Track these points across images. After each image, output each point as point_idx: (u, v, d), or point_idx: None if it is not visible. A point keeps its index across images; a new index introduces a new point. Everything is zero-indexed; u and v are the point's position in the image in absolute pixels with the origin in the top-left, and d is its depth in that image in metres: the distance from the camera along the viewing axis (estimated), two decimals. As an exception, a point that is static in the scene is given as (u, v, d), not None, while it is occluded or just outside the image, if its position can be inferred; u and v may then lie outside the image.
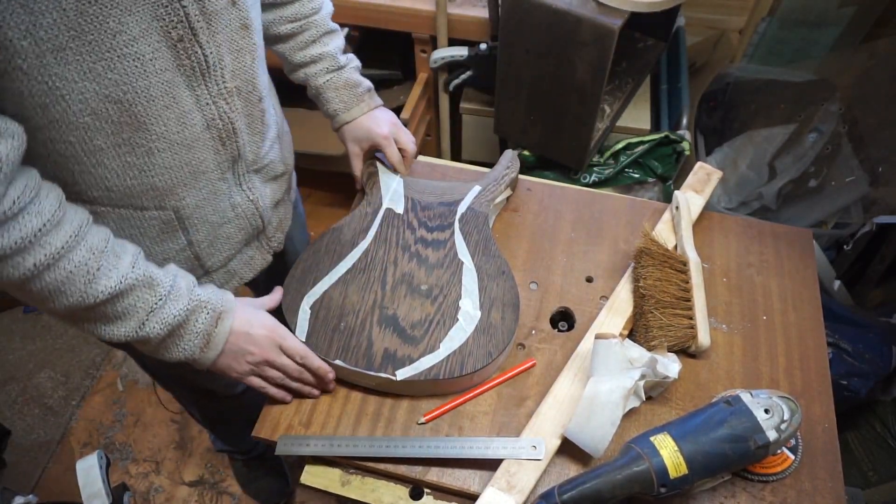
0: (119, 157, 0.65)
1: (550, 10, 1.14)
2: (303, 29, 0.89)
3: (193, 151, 0.70)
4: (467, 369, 0.75)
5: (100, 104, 0.60)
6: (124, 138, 0.64)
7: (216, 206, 0.77)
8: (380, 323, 0.79)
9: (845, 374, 1.25)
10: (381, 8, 1.47)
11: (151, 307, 0.66)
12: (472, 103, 1.62)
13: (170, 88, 0.63)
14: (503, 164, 0.98)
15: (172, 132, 0.66)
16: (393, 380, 0.74)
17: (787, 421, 0.64)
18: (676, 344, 0.78)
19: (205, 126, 0.69)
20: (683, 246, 0.86)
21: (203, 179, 0.73)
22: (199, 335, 0.70)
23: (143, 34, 0.58)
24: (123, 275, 0.63)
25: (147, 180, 0.68)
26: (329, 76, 0.93)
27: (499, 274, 0.84)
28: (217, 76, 0.67)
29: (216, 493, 1.55)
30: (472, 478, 0.72)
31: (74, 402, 1.70)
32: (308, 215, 1.15)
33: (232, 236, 0.82)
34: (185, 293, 0.69)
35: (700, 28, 1.74)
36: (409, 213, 0.91)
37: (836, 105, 1.48)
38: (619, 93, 1.47)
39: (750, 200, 1.55)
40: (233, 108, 0.71)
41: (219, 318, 0.71)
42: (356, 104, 0.95)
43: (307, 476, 0.75)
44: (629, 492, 0.62)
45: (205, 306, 0.70)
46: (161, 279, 0.67)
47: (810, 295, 0.87)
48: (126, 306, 0.65)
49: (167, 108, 0.64)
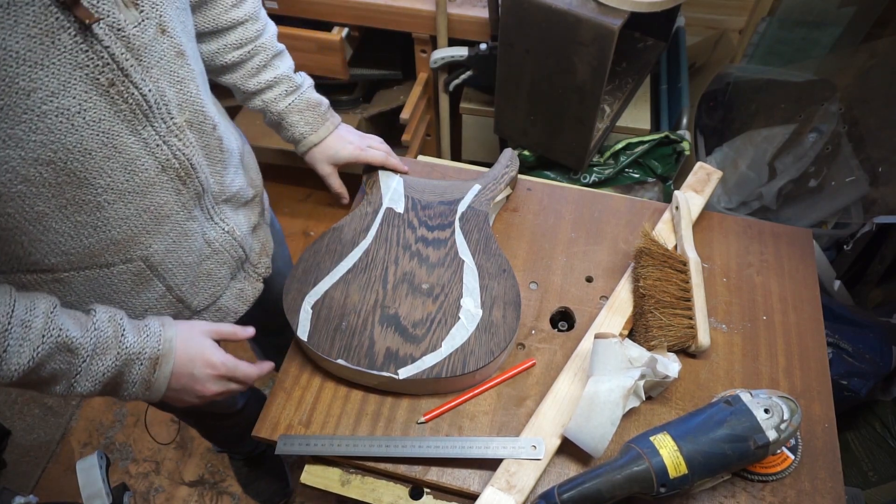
0: (67, 218, 0.61)
1: (550, 10, 1.14)
2: (251, 55, 0.84)
3: (150, 196, 0.66)
4: (469, 368, 0.75)
5: (30, 169, 0.55)
6: (67, 198, 0.59)
7: (189, 247, 0.74)
8: (381, 322, 0.79)
9: (845, 374, 1.25)
10: (381, 8, 1.47)
11: (77, 370, 0.62)
12: (472, 103, 1.62)
13: (108, 138, 0.59)
14: (503, 162, 0.98)
15: (120, 182, 0.62)
16: (395, 378, 0.74)
17: (786, 421, 0.64)
18: (676, 344, 0.78)
19: (159, 169, 0.65)
20: (683, 246, 0.86)
21: (168, 223, 0.69)
22: (136, 384, 0.67)
23: (64, 87, 0.54)
24: (35, 347, 0.58)
25: (104, 236, 0.65)
26: (290, 99, 0.89)
27: (500, 272, 0.84)
28: (162, 114, 0.63)
29: (216, 493, 1.55)
30: (471, 477, 0.72)
31: (74, 402, 1.70)
32: (308, 215, 1.15)
33: (214, 272, 0.80)
34: (112, 346, 0.64)
35: (700, 28, 1.74)
36: (409, 212, 0.91)
37: (836, 105, 1.48)
38: (619, 93, 1.47)
39: (750, 200, 1.55)
40: (186, 143, 0.67)
41: (156, 365, 0.67)
42: (322, 124, 0.92)
43: (307, 476, 0.75)
44: (629, 492, 0.63)
45: (136, 357, 0.66)
46: (79, 342, 0.62)
47: (810, 295, 0.87)
48: (49, 372, 0.61)
49: (109, 159, 0.60)
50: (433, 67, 1.55)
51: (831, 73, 1.55)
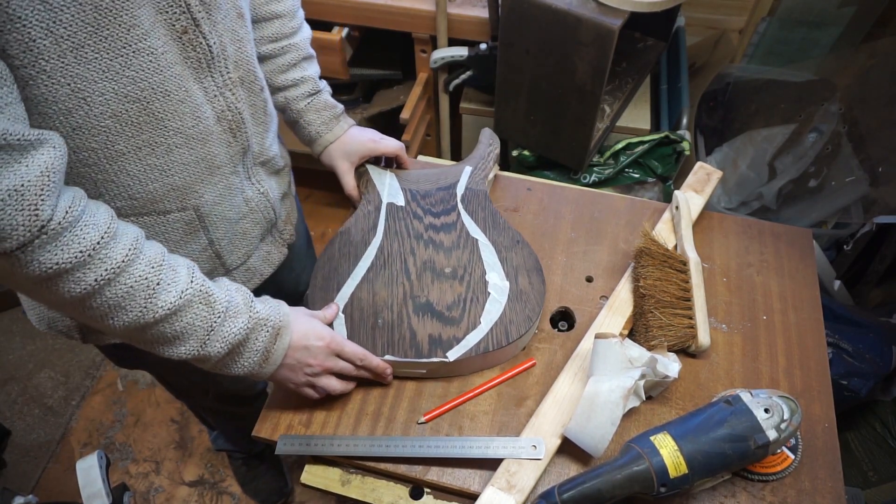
0: (140, 161, 0.65)
1: (550, 10, 1.14)
2: (284, 51, 0.87)
3: (208, 145, 0.70)
4: (513, 336, 0.77)
5: (120, 104, 0.59)
6: (144, 139, 0.63)
7: (232, 202, 0.78)
8: (416, 312, 0.81)
9: (845, 374, 1.25)
10: (381, 8, 1.47)
11: (211, 325, 0.65)
12: (472, 103, 1.62)
13: (181, 82, 0.63)
14: (485, 142, 1.01)
15: (188, 127, 0.66)
16: (447, 361, 0.76)
17: (786, 420, 0.64)
18: (676, 343, 0.79)
19: (215, 118, 0.69)
20: (683, 246, 0.86)
21: (218, 174, 0.73)
22: (258, 352, 0.69)
23: (153, 27, 0.58)
24: (183, 289, 0.62)
25: (168, 181, 0.68)
26: (309, 99, 0.93)
27: (514, 244, 0.86)
28: (221, 66, 0.67)
29: (216, 493, 1.55)
30: (472, 477, 0.72)
31: (74, 402, 1.70)
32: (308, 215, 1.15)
33: (248, 231, 0.83)
34: (243, 309, 0.67)
35: (700, 28, 1.74)
36: (410, 203, 0.93)
37: (836, 105, 1.48)
38: (619, 93, 1.47)
39: (750, 200, 1.55)
40: (238, 98, 0.71)
41: (278, 335, 0.70)
42: (336, 124, 0.95)
43: (307, 476, 0.75)
44: (629, 491, 0.63)
45: (264, 323, 0.69)
46: (218, 296, 0.66)
47: (810, 295, 0.87)
48: (185, 324, 0.63)
49: (182, 103, 0.64)
50: (433, 67, 1.55)
51: (831, 73, 1.55)
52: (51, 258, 0.54)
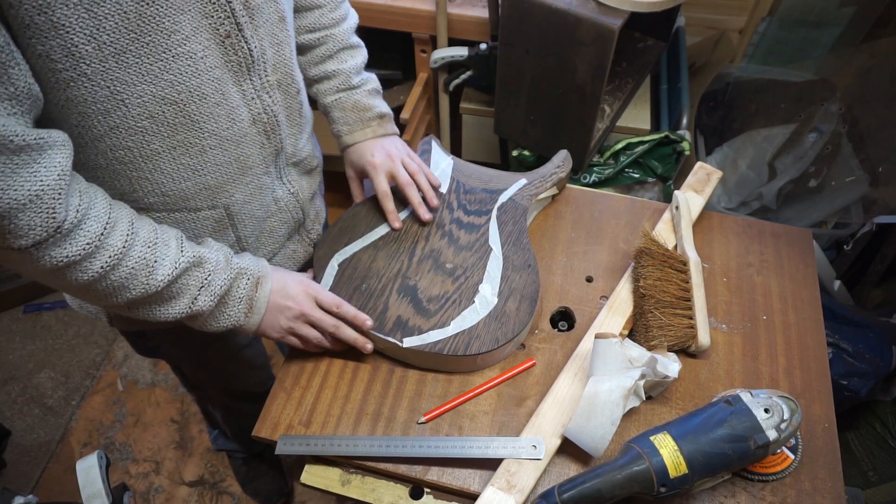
0: (174, 160, 0.67)
1: (550, 10, 1.14)
2: (320, 42, 0.86)
3: (242, 147, 0.71)
4: (472, 350, 0.76)
5: (157, 106, 0.61)
6: (179, 140, 0.65)
7: (261, 201, 0.79)
8: (399, 291, 0.82)
9: (845, 374, 1.25)
10: (381, 8, 1.47)
11: (201, 283, 0.69)
12: (472, 103, 1.62)
13: (219, 85, 0.65)
14: (555, 162, 0.98)
15: (223, 129, 0.68)
16: (399, 346, 0.77)
17: (786, 420, 0.64)
18: (676, 344, 0.79)
19: (251, 121, 0.71)
20: (683, 246, 0.86)
21: (250, 174, 0.75)
22: (242, 301, 0.73)
23: (195, 32, 0.60)
24: (175, 260, 0.66)
25: (200, 180, 0.70)
26: (337, 95, 0.90)
27: (524, 266, 0.86)
28: (260, 70, 0.69)
29: (216, 493, 1.55)
30: (472, 477, 0.72)
31: (74, 402, 1.70)
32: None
33: (275, 230, 0.85)
34: (224, 264, 0.71)
35: (700, 28, 1.74)
36: (451, 193, 0.94)
37: (836, 105, 1.48)
38: (619, 93, 1.47)
39: (750, 200, 1.55)
40: (275, 100, 0.72)
41: (258, 283, 0.74)
42: (360, 129, 0.92)
43: (307, 476, 0.75)
44: (629, 491, 0.63)
45: (244, 273, 0.73)
46: (207, 256, 0.70)
47: (810, 295, 0.87)
48: (180, 287, 0.68)
49: (218, 105, 0.66)
50: (433, 67, 1.55)
51: (831, 73, 1.55)
52: (61, 252, 0.58)
